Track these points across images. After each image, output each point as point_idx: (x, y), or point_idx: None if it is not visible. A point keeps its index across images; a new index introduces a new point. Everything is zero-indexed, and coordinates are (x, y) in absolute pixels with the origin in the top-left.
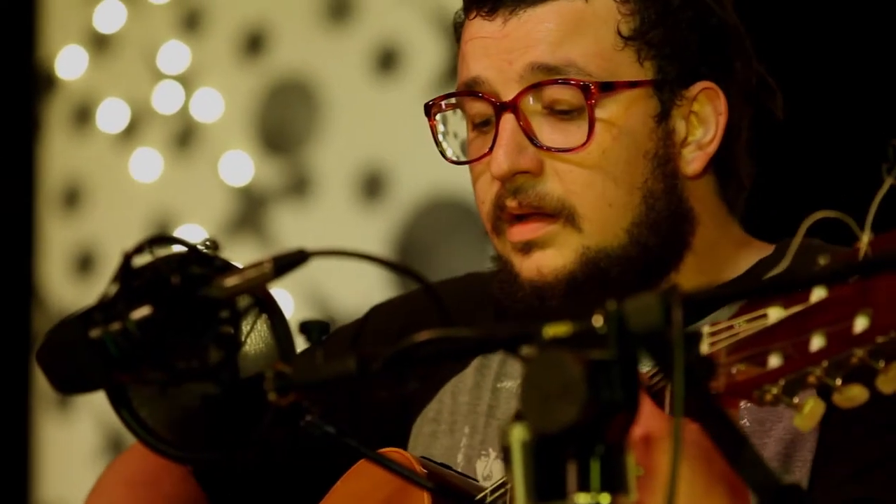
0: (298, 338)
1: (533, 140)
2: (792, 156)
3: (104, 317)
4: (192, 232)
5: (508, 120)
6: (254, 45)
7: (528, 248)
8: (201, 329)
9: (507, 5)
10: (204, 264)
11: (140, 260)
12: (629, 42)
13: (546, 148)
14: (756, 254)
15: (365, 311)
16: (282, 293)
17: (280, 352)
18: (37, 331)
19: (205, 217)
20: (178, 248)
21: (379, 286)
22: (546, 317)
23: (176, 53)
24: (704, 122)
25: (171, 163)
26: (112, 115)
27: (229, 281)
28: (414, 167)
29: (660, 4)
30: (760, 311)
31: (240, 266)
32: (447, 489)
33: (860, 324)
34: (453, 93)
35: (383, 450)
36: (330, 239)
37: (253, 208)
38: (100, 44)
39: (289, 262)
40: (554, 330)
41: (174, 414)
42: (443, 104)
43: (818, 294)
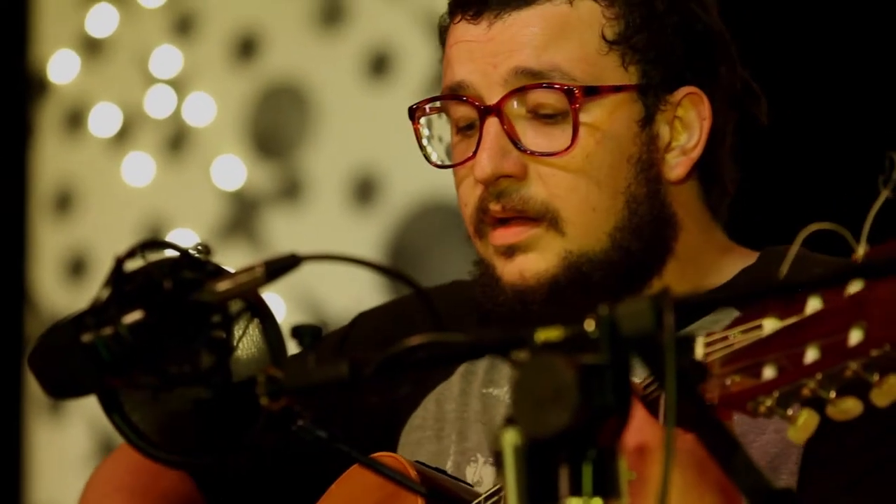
0: (290, 342)
1: (517, 144)
2: (775, 162)
3: (96, 321)
4: (185, 236)
5: (492, 124)
6: (246, 50)
7: (511, 252)
8: (193, 333)
9: (492, 9)
10: (196, 269)
11: (132, 264)
12: (614, 46)
13: (530, 152)
14: (740, 260)
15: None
16: (274, 297)
17: (272, 356)
18: (29, 335)
19: (197, 221)
20: (171, 253)
21: (371, 291)
22: (528, 321)
23: (168, 57)
24: (688, 128)
25: (164, 167)
26: (104, 120)
27: (221, 285)
28: (406, 171)
29: (645, 9)
30: (755, 323)
31: (232, 270)
32: (441, 494)
33: (855, 337)
34: (438, 96)
35: (377, 454)
36: (322, 243)
37: (245, 212)
38: (92, 48)
39: (281, 267)
40: (546, 334)
41: (166, 418)
42: (427, 108)
43: (813, 306)
